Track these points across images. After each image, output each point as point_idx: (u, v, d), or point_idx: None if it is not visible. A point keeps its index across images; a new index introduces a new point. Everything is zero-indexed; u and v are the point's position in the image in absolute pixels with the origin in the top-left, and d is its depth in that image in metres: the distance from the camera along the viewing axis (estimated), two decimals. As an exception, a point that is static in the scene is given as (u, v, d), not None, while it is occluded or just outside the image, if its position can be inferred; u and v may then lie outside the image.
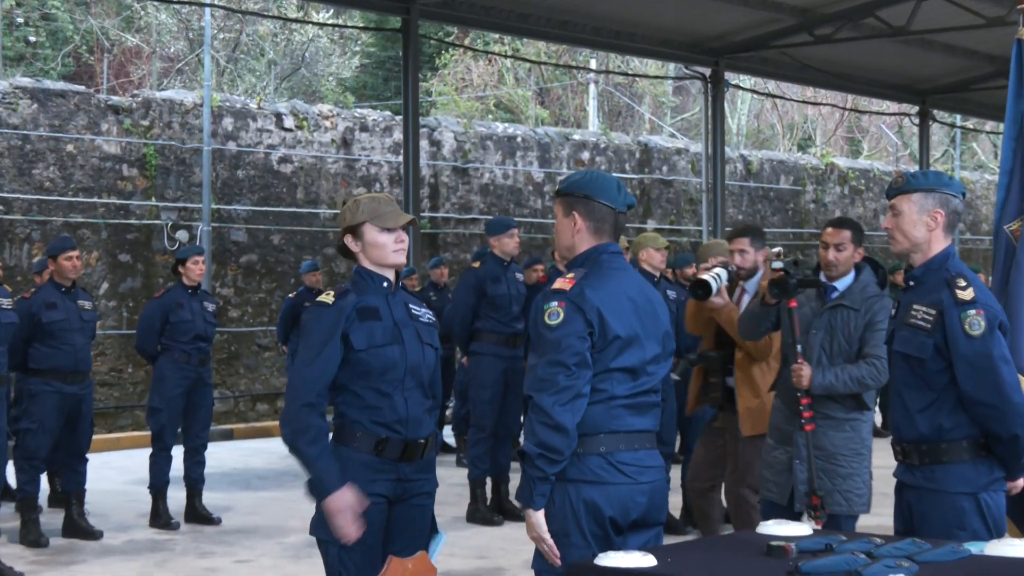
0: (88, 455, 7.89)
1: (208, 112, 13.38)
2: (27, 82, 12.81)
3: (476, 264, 8.45)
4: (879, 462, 5.25)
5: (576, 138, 17.35)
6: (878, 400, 11.52)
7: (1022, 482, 3.88)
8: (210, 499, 8.64)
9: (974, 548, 3.14)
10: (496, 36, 23.47)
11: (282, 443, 3.87)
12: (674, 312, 7.96)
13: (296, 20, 21.89)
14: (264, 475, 10.52)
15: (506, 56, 23.18)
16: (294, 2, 23.09)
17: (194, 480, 8.29)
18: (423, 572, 3.62)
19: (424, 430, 3.86)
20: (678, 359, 8.12)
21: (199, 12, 19.09)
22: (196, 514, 8.28)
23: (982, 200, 23.81)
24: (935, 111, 19.24)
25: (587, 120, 24.54)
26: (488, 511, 8.32)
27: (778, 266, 5.04)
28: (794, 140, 29.53)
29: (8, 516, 8.11)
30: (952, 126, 23.85)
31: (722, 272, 5.86)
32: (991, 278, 5.20)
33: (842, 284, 5.06)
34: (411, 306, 3.95)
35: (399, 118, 14.83)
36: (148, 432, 8.38)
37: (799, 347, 4.98)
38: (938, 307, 3.71)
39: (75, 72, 23.12)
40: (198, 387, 8.19)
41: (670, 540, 3.84)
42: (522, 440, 3.57)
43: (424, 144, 15.31)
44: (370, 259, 3.90)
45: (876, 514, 5.29)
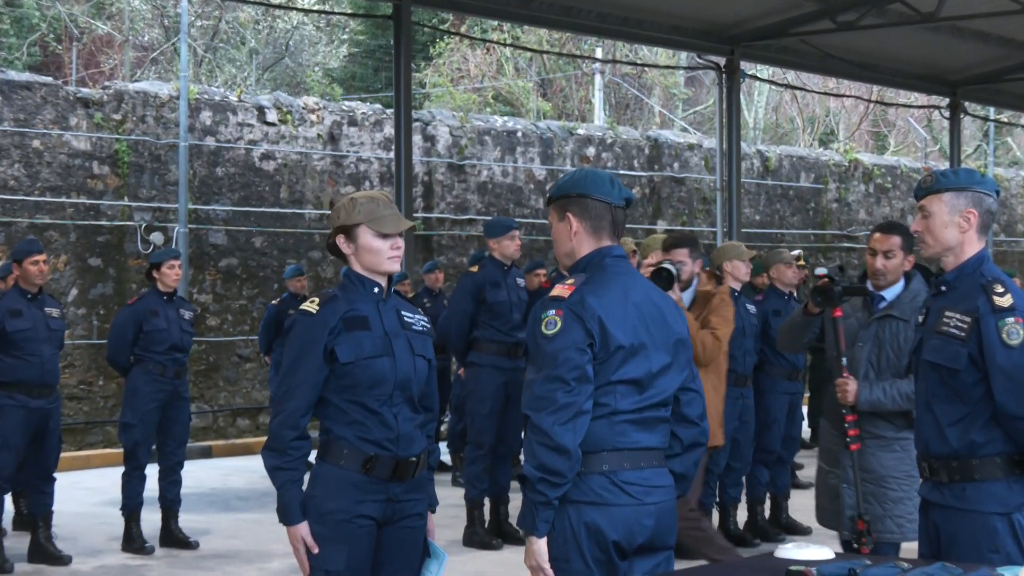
0: (56, 474, 7.88)
1: (185, 105, 13.39)
2: (-10, 73, 12.82)
3: (474, 268, 8.45)
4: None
5: (581, 133, 17.37)
6: None
7: None
8: (187, 521, 8.63)
9: (1008, 573, 3.13)
10: (494, 23, 23.50)
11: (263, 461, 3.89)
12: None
13: (279, 6, 21.91)
14: (245, 496, 10.51)
15: (505, 45, 23.20)
16: (277, -13, 23.13)
17: (170, 501, 8.28)
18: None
19: (416, 447, 3.86)
20: None
21: (175, -2, 19.14)
22: (172, 537, 8.27)
23: (1017, 199, 23.84)
24: (967, 103, 19.25)
25: (592, 113, 24.55)
26: (486, 534, 8.31)
27: (822, 272, 5.03)
28: (815, 135, 29.56)
29: (-31, 540, 8.10)
30: (985, 119, 23.88)
31: (672, 267, 5.87)
32: None
33: (891, 293, 5.02)
34: (403, 313, 3.95)
35: (390, 111, 14.84)
36: (120, 449, 8.37)
37: (844, 360, 4.93)
38: (973, 314, 3.70)
39: (42, 62, 23.13)
40: (174, 401, 8.19)
41: (682, 565, 3.83)
42: (523, 459, 3.56)
43: (417, 139, 15.31)
44: (362, 264, 3.90)
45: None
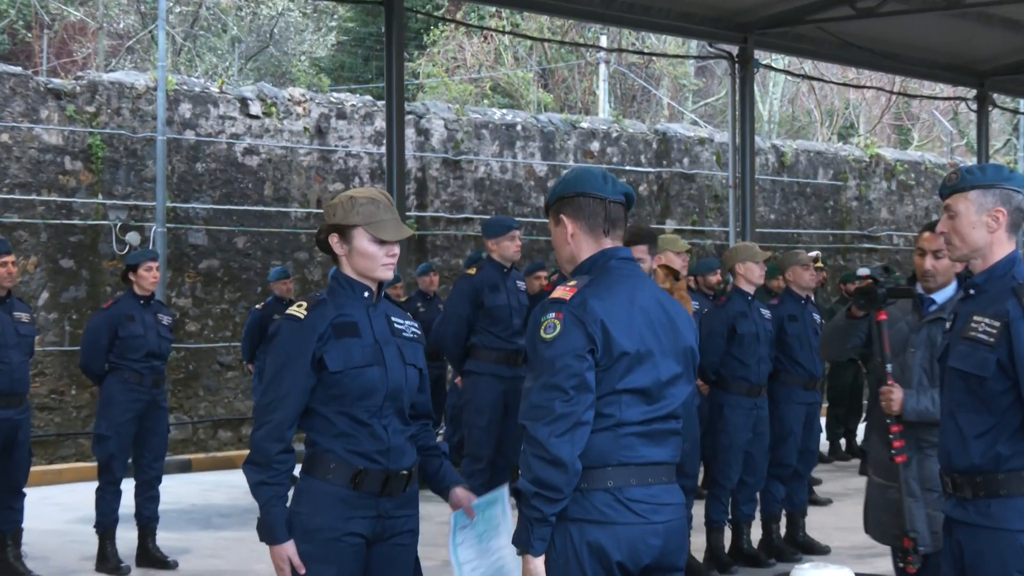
0: (25, 489, 7.87)
1: (163, 97, 13.40)
2: (-44, 62, 12.84)
3: (471, 271, 8.45)
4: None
5: (584, 126, 17.38)
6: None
7: None
8: (165, 540, 8.63)
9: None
10: (492, 9, 23.50)
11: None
12: (698, 326, 7.99)
13: (264, -9, 21.93)
14: (227, 512, 10.51)
15: (504, 32, 23.20)
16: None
17: (147, 518, 8.28)
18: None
19: (407, 460, 3.87)
20: (703, 381, 8.17)
21: (153, -18, 19.15)
22: (149, 557, 8.27)
23: (1049, 197, 23.82)
24: (995, 95, 19.25)
25: (597, 106, 24.56)
26: (484, 554, 8.31)
27: (865, 272, 4.98)
28: (834, 128, 29.57)
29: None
30: (1015, 112, 23.86)
31: None
32: None
33: (942, 296, 4.98)
34: (394, 319, 3.95)
35: (381, 103, 14.84)
36: (94, 463, 8.37)
37: (889, 367, 4.90)
38: (1003, 318, 3.68)
39: (10, 51, 23.15)
40: (151, 412, 8.19)
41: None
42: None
43: (410, 133, 15.32)
44: (354, 267, 3.90)
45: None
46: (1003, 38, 16.13)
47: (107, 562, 8.11)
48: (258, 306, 11.97)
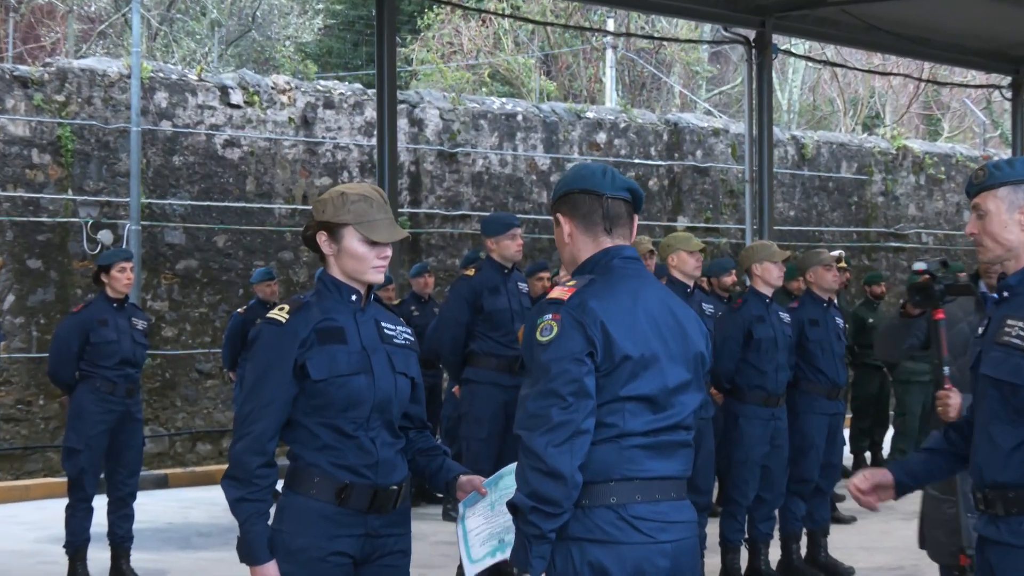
0: (-11, 507, 7.90)
1: (137, 85, 13.41)
2: (-85, 48, 12.85)
3: (469, 271, 8.45)
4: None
5: (590, 116, 17.39)
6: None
7: None
8: (140, 561, 8.63)
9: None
10: (491, -9, 23.50)
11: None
12: (711, 330, 7.99)
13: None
14: (206, 531, 10.52)
15: (504, 16, 23.21)
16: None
17: (120, 537, 8.29)
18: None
19: (397, 474, 3.87)
20: (717, 390, 8.17)
21: (126, -38, 19.16)
22: (122, 579, 8.28)
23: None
24: (1031, 82, 19.25)
25: (603, 94, 24.58)
26: (484, 575, 8.31)
27: (921, 267, 4.91)
28: (858, 119, 29.59)
29: None
30: (1052, 101, 23.85)
31: None
32: None
33: None
34: (384, 324, 3.95)
35: (372, 92, 14.85)
36: (63, 478, 8.37)
37: (947, 370, 4.87)
38: None
39: (-26, 36, 23.15)
40: (125, 423, 8.19)
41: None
42: None
43: (403, 124, 15.33)
44: (342, 268, 3.90)
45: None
46: (1040, 21, 16.11)
47: (77, 585, 8.12)
48: (240, 310, 11.97)
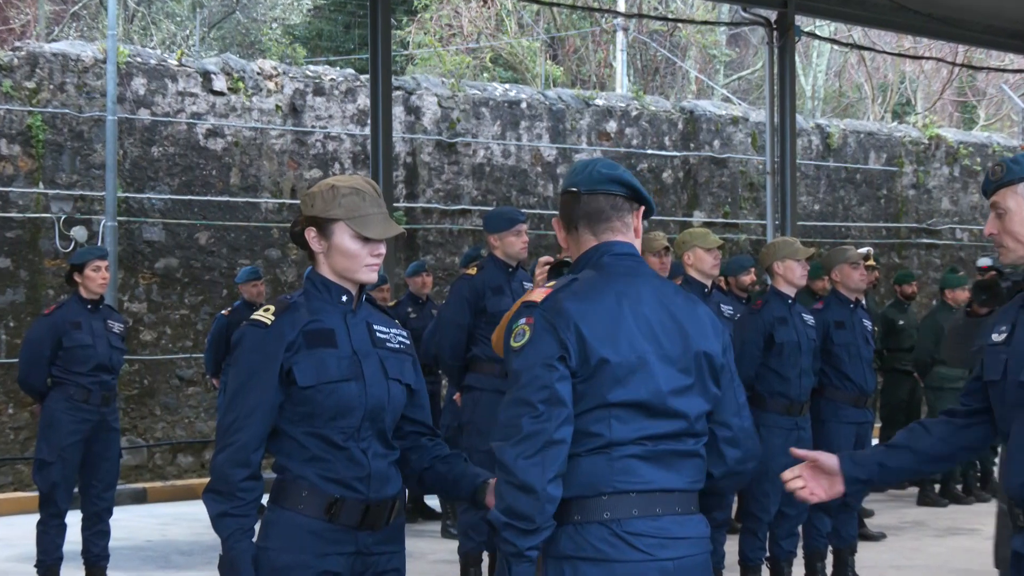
0: (-45, 523, 7.91)
1: (113, 71, 13.41)
2: None
3: (471, 270, 8.44)
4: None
5: (599, 103, 17.39)
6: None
7: None
8: (116, 581, 8.64)
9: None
10: (493, -31, 23.51)
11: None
12: (730, 333, 7.99)
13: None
14: (187, 549, 10.53)
15: (506, -4, 23.20)
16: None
17: (95, 556, 8.29)
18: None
19: (390, 488, 3.86)
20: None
21: (101, -61, 19.18)
22: (98, 601, 8.29)
23: None
24: (1073, 67, 19.25)
25: (613, 80, 24.57)
26: (484, 596, 8.32)
27: (986, 263, 4.89)
28: (887, 106, 29.58)
29: None
30: (1096, 86, 23.86)
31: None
32: None
33: None
34: (376, 327, 3.95)
35: (365, 77, 14.85)
36: (34, 493, 8.37)
37: None
38: None
39: (-62, 18, 23.17)
40: (100, 433, 8.19)
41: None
42: None
43: (398, 112, 15.33)
44: (333, 267, 3.89)
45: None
46: (1082, 1, 16.10)
47: (50, 607, 8.12)
48: (223, 312, 11.97)
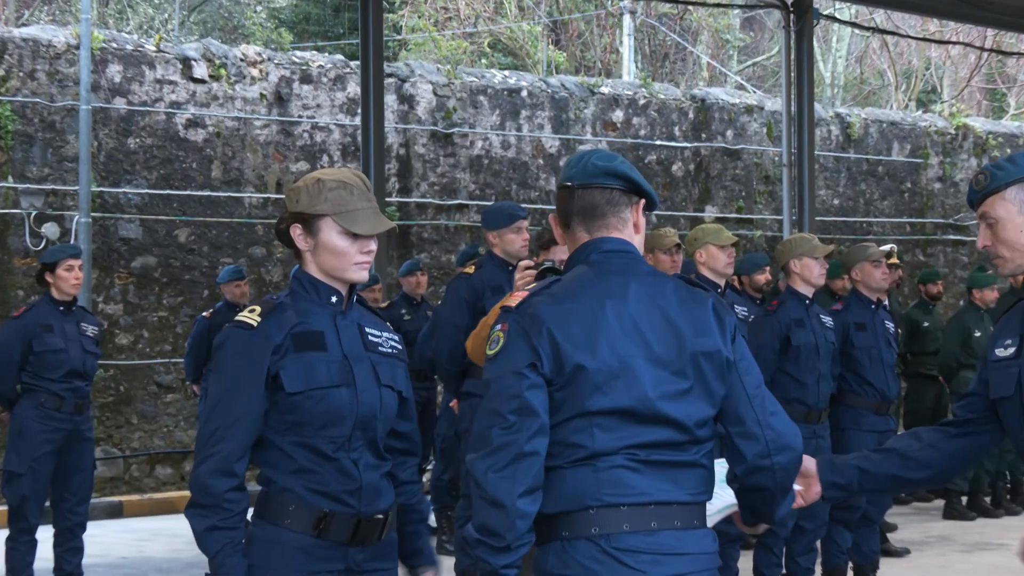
0: (-81, 539, 7.89)
1: (87, 57, 13.40)
2: None
3: (469, 269, 8.44)
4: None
5: (604, 91, 17.39)
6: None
7: None
8: (91, 601, 8.64)
9: None
10: (492, -51, 23.51)
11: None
12: (743, 336, 7.99)
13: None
14: (166, 566, 10.52)
15: (506, -23, 23.21)
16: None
17: (68, 573, 8.27)
18: None
19: (382, 501, 3.86)
20: None
21: (74, -84, 19.18)
22: (71, 622, 8.28)
23: None
24: (1110, 52, 19.25)
25: (620, 67, 24.57)
26: (482, 616, 8.31)
27: None
28: (912, 94, 29.58)
29: None
30: None
31: (560, 267, 5.82)
32: None
33: None
34: (368, 330, 3.95)
35: (355, 64, 14.85)
36: (3, 507, 8.36)
37: None
38: None
39: (-100, 1, 23.19)
40: (74, 444, 8.19)
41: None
42: None
43: (391, 101, 15.33)
44: (320, 265, 3.89)
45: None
46: (1119, -18, 16.10)
47: (20, 628, 8.13)
48: (205, 314, 11.97)
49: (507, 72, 17.55)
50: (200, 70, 14.45)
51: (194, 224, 14.32)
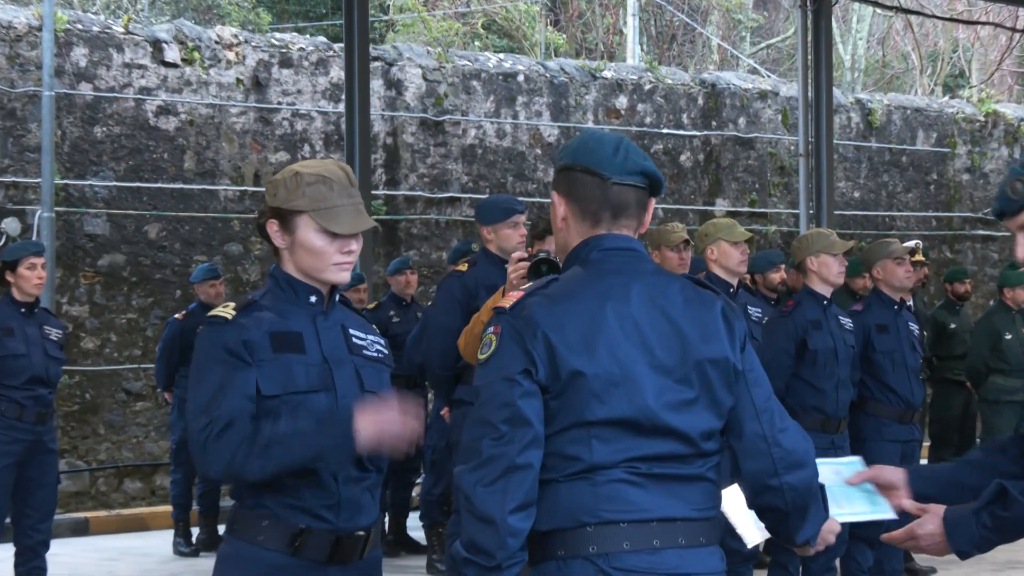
0: None
1: (50, 39, 13.40)
2: None
3: (461, 267, 8.43)
4: None
5: (607, 76, 17.40)
6: None
7: None
8: (55, 625, 8.64)
9: None
10: (486, -78, 23.53)
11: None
12: (756, 339, 7.99)
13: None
14: (136, 588, 10.53)
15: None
16: None
17: (30, 596, 8.30)
18: None
19: (364, 517, 3.87)
20: None
21: None
22: (33, 648, 8.29)
23: None
24: None
25: (624, 49, 24.59)
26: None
27: None
28: (938, 78, 29.60)
29: None
30: None
31: (555, 258, 5.83)
32: None
33: None
34: (352, 331, 3.96)
35: (339, 47, 14.86)
36: (-40, 524, 8.36)
37: None
38: None
39: None
40: (36, 456, 8.19)
41: None
42: None
43: (377, 86, 15.33)
44: (298, 265, 3.90)
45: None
46: None
47: (-22, 654, 8.14)
48: (177, 316, 11.96)
49: (502, 55, 17.56)
50: (172, 53, 14.45)
51: (165, 219, 14.31)
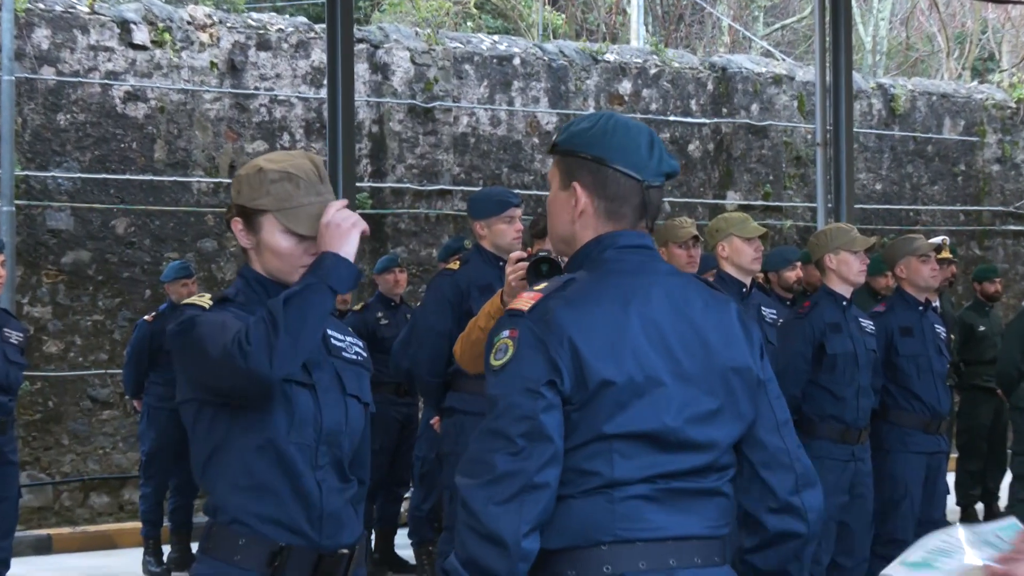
0: None
1: (10, 20, 13.39)
2: None
3: (453, 265, 8.44)
4: None
5: (609, 59, 17.40)
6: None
7: None
8: (15, 651, 8.64)
9: None
10: None
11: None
12: (772, 342, 7.98)
13: None
14: (103, 611, 10.53)
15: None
16: None
17: (-11, 619, 8.31)
18: None
19: (347, 533, 3.87)
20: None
21: None
22: (-8, 675, 8.30)
23: None
24: None
25: (628, 31, 24.59)
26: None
27: None
28: (966, 62, 29.61)
29: None
30: None
31: (555, 257, 5.82)
32: None
33: None
34: (330, 332, 3.97)
35: (321, 27, 14.85)
36: (-87, 542, 8.36)
37: None
38: None
39: None
40: (-6, 468, 8.20)
41: None
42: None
43: (362, 70, 15.33)
44: (264, 266, 3.93)
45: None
46: None
47: None
48: (147, 317, 11.95)
49: (497, 37, 17.56)
50: (141, 35, 14.44)
51: (134, 213, 14.30)
